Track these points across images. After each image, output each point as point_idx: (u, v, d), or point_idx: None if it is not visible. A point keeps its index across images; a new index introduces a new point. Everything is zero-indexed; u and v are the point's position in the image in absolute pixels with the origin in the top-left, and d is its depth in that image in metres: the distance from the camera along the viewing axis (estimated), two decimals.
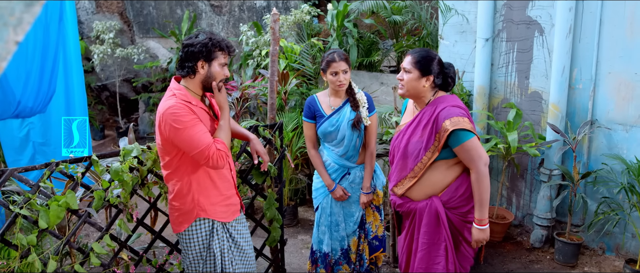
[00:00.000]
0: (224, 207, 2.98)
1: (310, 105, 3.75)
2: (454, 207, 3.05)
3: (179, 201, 2.90)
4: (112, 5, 8.41)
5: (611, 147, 4.42)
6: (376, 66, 6.40)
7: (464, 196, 3.03)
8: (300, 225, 5.46)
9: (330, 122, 3.67)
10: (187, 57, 2.79)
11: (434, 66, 3.02)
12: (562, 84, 4.50)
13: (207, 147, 2.69)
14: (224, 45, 2.83)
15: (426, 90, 3.04)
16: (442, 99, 3.04)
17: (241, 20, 7.61)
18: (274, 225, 3.81)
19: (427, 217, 3.07)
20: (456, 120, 2.89)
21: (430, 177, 3.04)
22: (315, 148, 3.83)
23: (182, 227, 2.94)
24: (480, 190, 2.92)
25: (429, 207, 3.06)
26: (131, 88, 8.84)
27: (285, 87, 5.33)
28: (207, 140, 2.71)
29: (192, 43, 2.78)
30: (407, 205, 3.15)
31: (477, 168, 2.90)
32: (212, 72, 2.82)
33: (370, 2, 5.84)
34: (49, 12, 4.42)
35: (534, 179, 4.92)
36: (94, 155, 3.02)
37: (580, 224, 4.69)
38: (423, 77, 3.00)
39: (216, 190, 2.94)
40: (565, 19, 4.37)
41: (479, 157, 2.90)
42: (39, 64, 4.37)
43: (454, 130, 2.87)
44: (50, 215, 2.84)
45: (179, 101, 2.74)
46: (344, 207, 3.83)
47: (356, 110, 3.66)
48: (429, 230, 3.08)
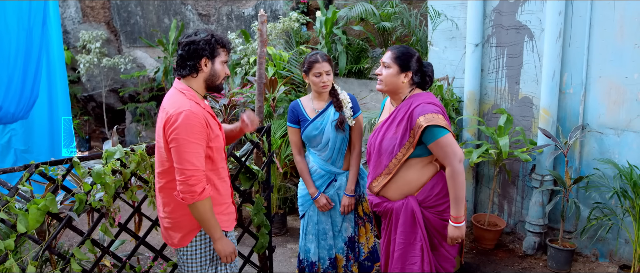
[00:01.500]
0: (226, 216, 2.89)
1: (294, 110, 3.69)
2: (430, 206, 3.03)
3: (180, 212, 2.74)
4: (99, 15, 8.33)
5: (603, 151, 4.38)
6: (365, 73, 6.36)
7: (439, 194, 3.02)
8: (289, 233, 5.36)
9: (314, 126, 3.60)
10: (190, 55, 2.66)
11: (413, 63, 3.03)
12: (553, 88, 4.46)
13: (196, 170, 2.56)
14: (225, 42, 2.76)
15: (404, 87, 3.05)
16: (418, 96, 3.04)
17: (229, 29, 7.55)
18: (262, 231, 3.72)
19: (403, 217, 3.05)
20: (431, 116, 2.88)
21: (405, 175, 3.03)
22: (301, 154, 3.75)
23: (184, 240, 2.78)
24: (456, 186, 2.90)
25: (405, 206, 3.04)
26: (118, 98, 8.74)
27: (274, 93, 5.26)
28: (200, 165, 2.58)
29: (194, 40, 2.66)
30: (383, 204, 3.13)
31: (452, 164, 2.88)
32: (215, 70, 2.73)
33: (359, 9, 5.81)
34: (32, 17, 4.34)
35: (526, 185, 4.87)
36: (75, 157, 2.93)
37: (572, 230, 4.64)
38: (402, 73, 3.02)
39: (220, 197, 2.83)
40: (555, 23, 4.35)
41: (454, 154, 2.88)
42: (21, 69, 4.28)
43: (428, 126, 2.87)
44: (29, 219, 2.74)
45: (193, 105, 2.61)
46: (332, 214, 3.74)
47: (340, 111, 3.60)
48: (405, 230, 3.06)
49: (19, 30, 4.21)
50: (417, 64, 3.05)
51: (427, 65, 3.11)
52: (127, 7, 8.17)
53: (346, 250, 3.77)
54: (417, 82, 3.08)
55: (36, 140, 4.74)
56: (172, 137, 2.56)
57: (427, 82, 3.11)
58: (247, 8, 7.56)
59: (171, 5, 7.95)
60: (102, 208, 3.01)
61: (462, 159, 2.91)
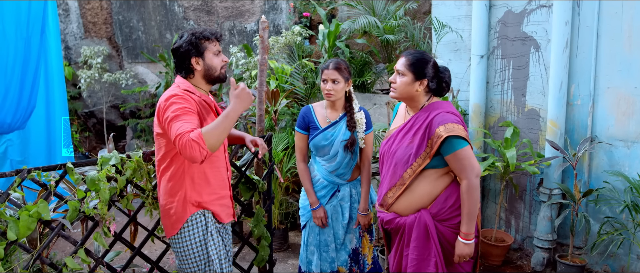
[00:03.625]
0: (218, 206, 2.84)
1: (305, 116, 3.57)
2: (444, 219, 2.87)
3: (170, 199, 2.75)
4: (101, 31, 8.30)
5: (612, 164, 4.27)
6: (368, 87, 6.28)
7: (454, 206, 2.86)
8: (291, 249, 5.24)
9: (324, 136, 3.49)
10: (180, 60, 2.78)
11: (428, 69, 2.89)
12: (560, 100, 4.37)
13: (183, 133, 2.45)
14: (208, 33, 2.77)
15: (420, 95, 2.91)
16: (437, 104, 2.90)
17: (231, 44, 7.51)
18: (263, 243, 3.60)
19: (416, 232, 2.88)
20: (451, 126, 2.75)
21: (418, 187, 2.88)
22: (304, 162, 3.64)
23: (174, 228, 2.77)
24: (470, 202, 2.76)
25: (417, 221, 2.87)
26: (119, 114, 8.67)
27: (275, 106, 5.18)
28: (185, 128, 2.48)
29: (178, 45, 2.76)
30: (395, 221, 2.97)
31: (469, 178, 2.74)
32: (208, 64, 2.77)
33: (362, 21, 5.75)
34: (31, 25, 4.28)
35: (533, 200, 4.75)
36: (69, 163, 2.83)
37: (582, 246, 4.50)
38: (417, 80, 2.87)
39: (209, 187, 2.80)
40: (561, 33, 4.27)
41: (472, 167, 2.75)
42: (18, 78, 4.22)
43: (448, 137, 2.73)
44: (20, 226, 2.64)
45: (180, 90, 2.67)
46: (334, 226, 3.62)
47: (352, 131, 3.49)
48: (418, 245, 2.89)
49: (17, 39, 4.15)
50: (433, 70, 2.90)
51: (443, 70, 2.96)
52: (129, 22, 8.15)
53: (350, 263, 3.64)
54: (433, 89, 2.93)
55: (33, 151, 4.64)
56: (164, 117, 2.58)
57: (444, 88, 2.95)
58: (250, 23, 7.53)
59: (173, 21, 7.93)
60: (96, 216, 2.92)
61: (479, 174, 2.77)
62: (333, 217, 3.60)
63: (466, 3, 4.96)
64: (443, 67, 2.98)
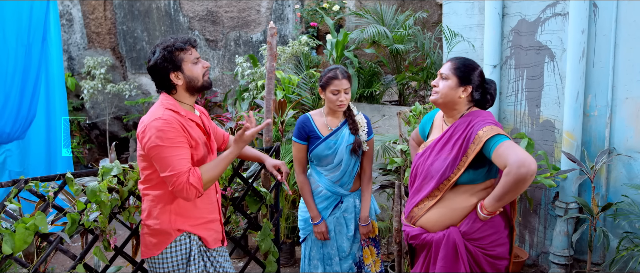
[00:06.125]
0: (204, 231, 2.68)
1: (304, 125, 3.42)
2: (475, 239, 2.69)
3: (154, 220, 2.59)
4: (105, 41, 8.22)
5: (631, 177, 4.12)
6: (377, 98, 6.16)
7: (486, 225, 2.68)
8: (297, 264, 5.09)
9: (327, 145, 3.35)
10: (159, 78, 2.63)
11: (474, 76, 2.74)
12: (577, 110, 4.24)
13: (178, 174, 2.40)
14: (180, 44, 2.60)
15: (461, 102, 2.75)
16: (477, 112, 2.74)
17: (237, 54, 7.42)
18: (270, 258, 3.46)
19: (444, 250, 2.70)
20: (489, 128, 2.58)
21: (451, 201, 2.71)
22: (304, 173, 3.49)
23: (154, 250, 2.60)
24: (505, 184, 2.46)
25: (446, 238, 2.69)
26: (122, 126, 8.58)
27: (282, 117, 5.06)
28: (182, 167, 2.42)
29: (153, 64, 2.60)
30: (422, 237, 2.79)
31: (510, 166, 2.42)
32: (189, 76, 2.62)
33: (371, 31, 5.63)
34: (32, 33, 4.18)
35: (549, 214, 4.60)
36: (68, 173, 2.71)
37: (600, 262, 4.34)
38: (461, 86, 2.72)
39: (197, 211, 2.65)
40: (577, 42, 4.15)
41: (515, 156, 2.42)
42: (19, 87, 4.11)
43: (489, 138, 2.56)
44: (15, 240, 2.52)
45: (167, 113, 2.51)
46: (338, 239, 3.47)
47: (355, 134, 3.36)
48: (446, 265, 2.71)
49: (17, 46, 4.05)
50: (479, 79, 2.75)
51: (490, 82, 2.80)
52: (133, 32, 8.07)
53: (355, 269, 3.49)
54: (476, 99, 2.77)
55: (32, 162, 4.52)
56: (147, 148, 2.46)
57: (488, 101, 2.79)
58: (255, 33, 7.44)
59: (178, 31, 7.84)
60: (96, 229, 2.79)
61: (523, 164, 2.40)
62: (336, 229, 3.46)
63: (478, 12, 4.85)
64: (489, 79, 2.83)
